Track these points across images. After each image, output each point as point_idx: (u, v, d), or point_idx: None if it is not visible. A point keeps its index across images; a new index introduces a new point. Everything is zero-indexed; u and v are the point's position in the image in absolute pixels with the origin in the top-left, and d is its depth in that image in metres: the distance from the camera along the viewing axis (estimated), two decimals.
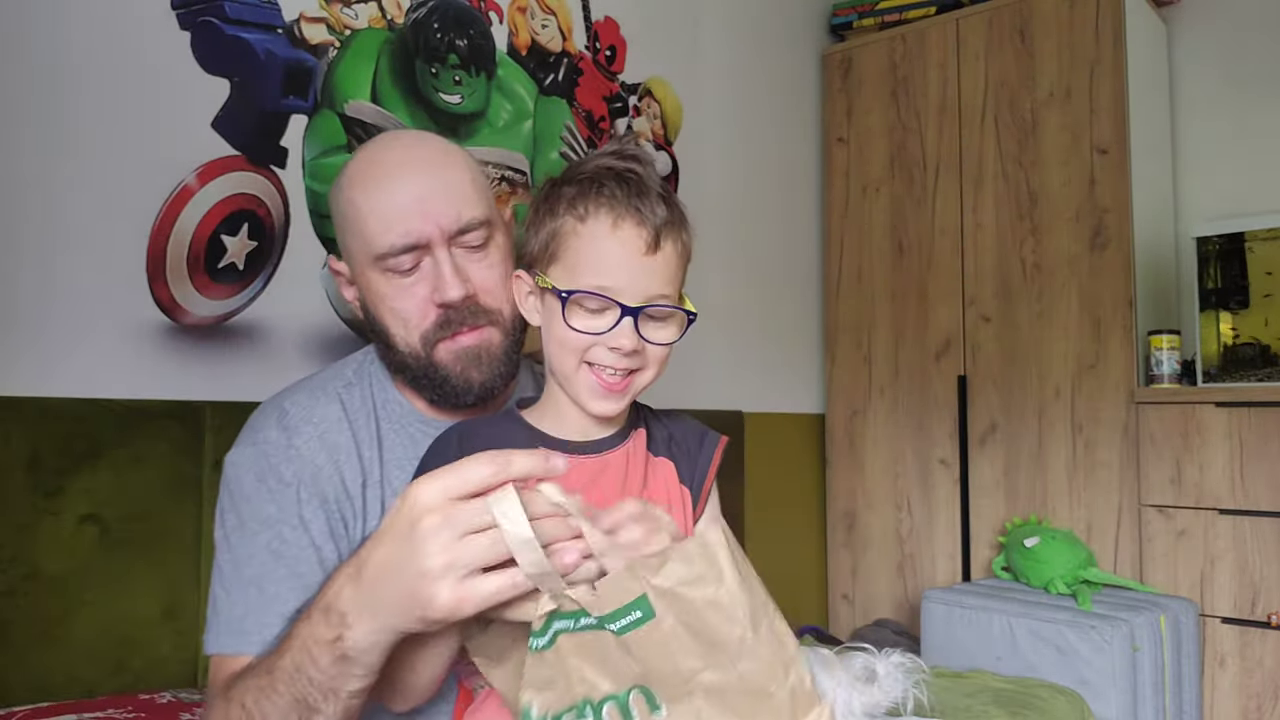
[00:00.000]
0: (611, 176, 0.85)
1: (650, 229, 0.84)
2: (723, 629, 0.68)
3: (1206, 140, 2.54)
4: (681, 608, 0.67)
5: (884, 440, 2.64)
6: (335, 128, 1.65)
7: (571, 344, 0.85)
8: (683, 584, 0.67)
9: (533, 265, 0.89)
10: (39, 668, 1.24)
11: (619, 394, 0.86)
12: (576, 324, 0.84)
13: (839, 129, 2.78)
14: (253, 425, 0.99)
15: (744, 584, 0.69)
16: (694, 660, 0.68)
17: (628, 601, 0.67)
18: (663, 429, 0.96)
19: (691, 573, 0.68)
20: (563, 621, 0.70)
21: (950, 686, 1.67)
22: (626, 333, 0.83)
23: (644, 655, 0.68)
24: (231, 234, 1.50)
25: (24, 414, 1.25)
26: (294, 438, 0.95)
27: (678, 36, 2.38)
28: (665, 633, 0.67)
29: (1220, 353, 2.16)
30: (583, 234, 0.84)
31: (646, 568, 0.68)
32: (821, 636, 2.38)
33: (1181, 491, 2.12)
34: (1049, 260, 2.36)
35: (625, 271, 0.83)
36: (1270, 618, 2.00)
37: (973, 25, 2.53)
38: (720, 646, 0.68)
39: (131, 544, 1.32)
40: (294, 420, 0.96)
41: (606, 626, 0.68)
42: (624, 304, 0.83)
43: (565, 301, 0.83)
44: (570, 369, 0.86)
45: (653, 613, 0.67)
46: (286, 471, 0.93)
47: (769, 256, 2.65)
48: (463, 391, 0.98)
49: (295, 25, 1.61)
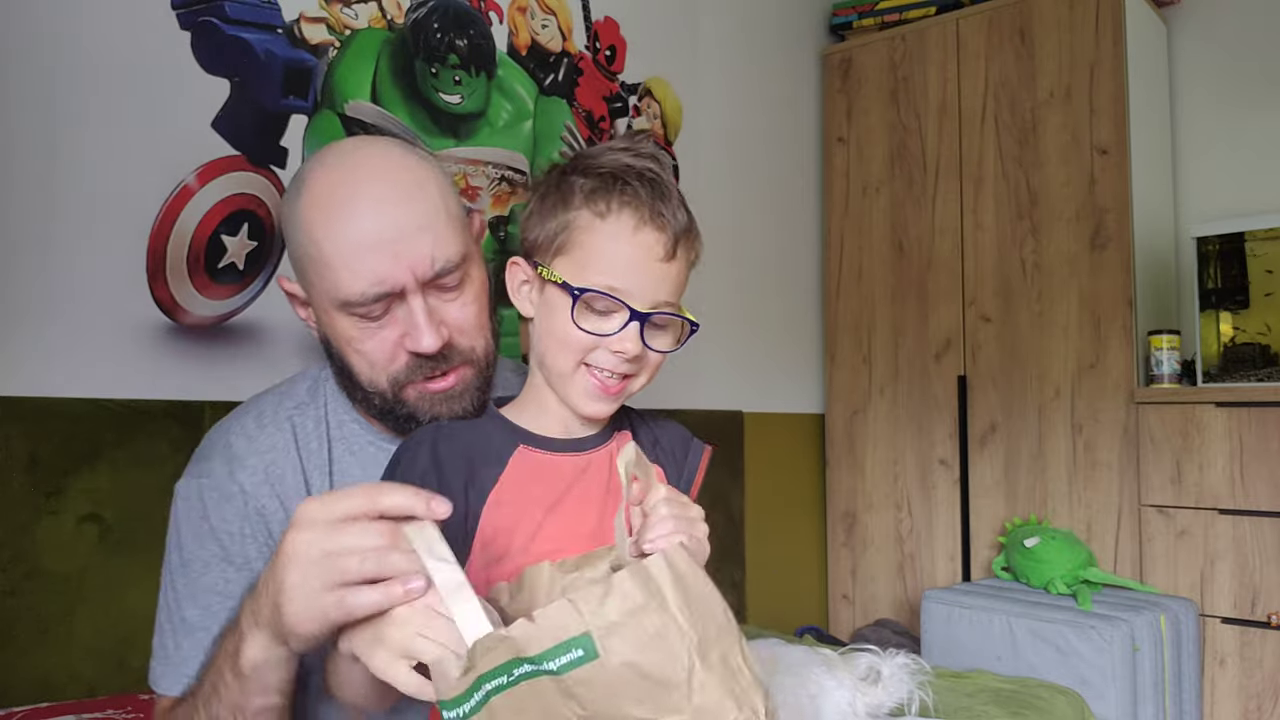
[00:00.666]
0: (634, 175, 0.82)
1: (670, 236, 0.82)
2: (668, 666, 0.63)
3: (1206, 140, 2.54)
4: (626, 644, 0.62)
5: (884, 440, 2.64)
6: (335, 128, 1.65)
7: (574, 343, 0.82)
8: (626, 615, 0.62)
9: (533, 253, 0.86)
10: (39, 667, 1.24)
11: (613, 397, 0.85)
12: (584, 324, 0.81)
13: (839, 129, 2.78)
14: (199, 455, 0.95)
15: (692, 612, 0.64)
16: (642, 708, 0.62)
17: (568, 638, 0.62)
18: (649, 433, 0.94)
19: (634, 603, 0.63)
20: (494, 679, 0.63)
21: (950, 686, 1.67)
22: (632, 337, 0.81)
23: (589, 698, 0.62)
24: (231, 234, 1.50)
25: (24, 414, 1.25)
26: (238, 471, 0.91)
27: (678, 36, 2.38)
28: (610, 674, 0.62)
29: (1220, 353, 2.16)
30: (600, 231, 0.81)
31: (586, 602, 0.63)
32: (821, 636, 2.38)
33: (1181, 491, 2.12)
34: (1049, 260, 2.36)
35: (639, 276, 0.81)
36: (1270, 618, 2.00)
37: (973, 25, 2.53)
38: (669, 685, 0.63)
39: (131, 544, 1.32)
40: (239, 451, 0.92)
41: (544, 666, 0.62)
42: (634, 308, 0.81)
43: (576, 299, 0.80)
44: (568, 368, 0.84)
45: (596, 652, 0.61)
46: (228, 510, 0.91)
47: (769, 256, 2.66)
48: None
49: (295, 25, 1.61)
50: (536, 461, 0.85)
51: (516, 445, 0.86)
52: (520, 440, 0.86)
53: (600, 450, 0.88)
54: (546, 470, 0.85)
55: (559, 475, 0.85)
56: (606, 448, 0.89)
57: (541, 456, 0.86)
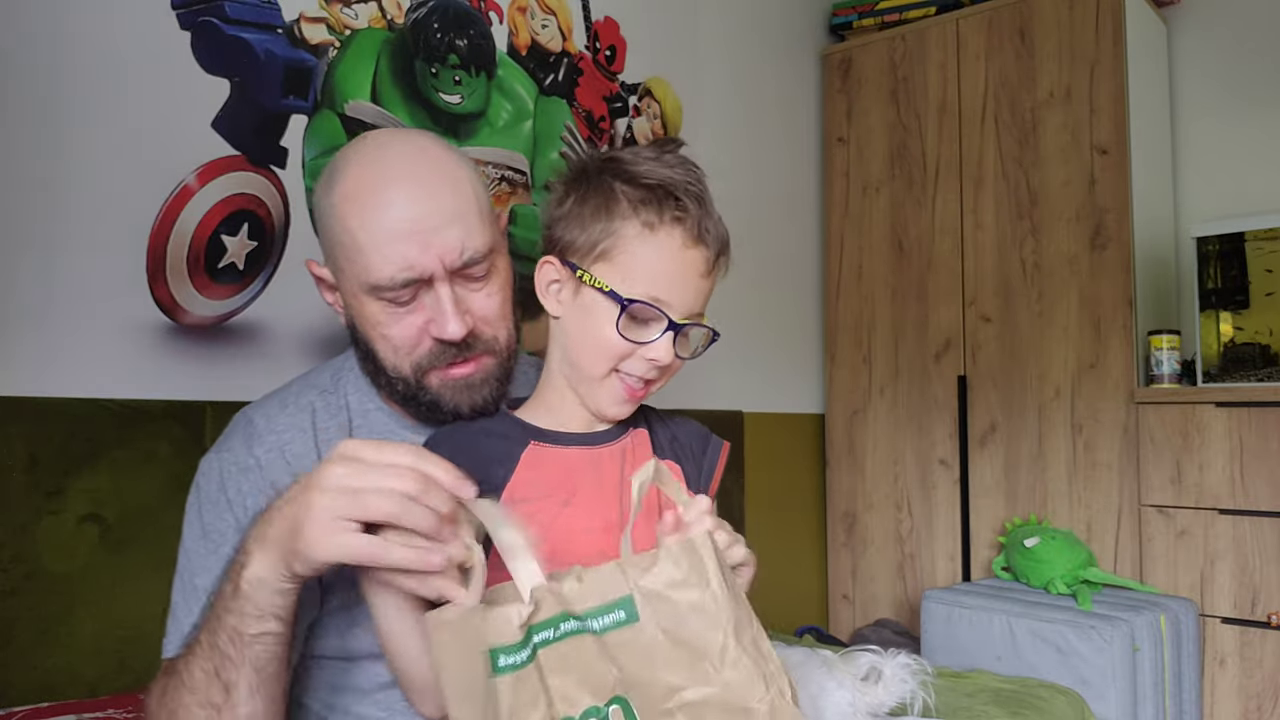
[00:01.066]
0: (682, 190, 0.86)
1: (713, 253, 0.86)
2: (705, 635, 0.66)
3: (1206, 140, 2.54)
4: (666, 613, 0.66)
5: (884, 440, 2.64)
6: (335, 128, 1.65)
7: (612, 350, 0.85)
8: (669, 587, 0.66)
9: (566, 254, 0.87)
10: (40, 667, 1.24)
11: (637, 401, 0.89)
12: (627, 333, 0.84)
13: (839, 129, 2.78)
14: (224, 435, 0.99)
15: (729, 592, 0.68)
16: (676, 675, 0.66)
17: (612, 600, 0.66)
18: (666, 430, 0.96)
19: (678, 575, 0.66)
20: (542, 632, 0.67)
21: (950, 686, 1.67)
22: (666, 347, 0.85)
23: (625, 660, 0.66)
24: (231, 234, 1.50)
25: (24, 414, 1.25)
26: (255, 448, 0.94)
27: (678, 36, 2.38)
28: (648, 639, 0.66)
29: (1220, 353, 2.16)
30: (649, 243, 0.84)
31: (635, 567, 0.66)
32: (821, 636, 2.38)
33: (1181, 491, 2.12)
34: (1049, 260, 2.36)
35: (681, 290, 0.85)
36: (1270, 618, 2.00)
37: (973, 25, 2.53)
38: (703, 654, 0.66)
39: (132, 544, 1.32)
40: (259, 430, 0.96)
41: (588, 624, 0.66)
42: (672, 319, 0.84)
43: (624, 309, 0.83)
44: (599, 373, 0.86)
45: (637, 615, 0.65)
46: (245, 484, 0.93)
47: (769, 256, 2.65)
48: (451, 417, 0.95)
49: (295, 25, 1.61)
50: (548, 455, 0.88)
51: (527, 442, 0.88)
52: (531, 436, 0.88)
53: (614, 445, 0.90)
54: (559, 463, 0.87)
55: (572, 468, 0.87)
56: (620, 442, 0.91)
57: (553, 450, 0.88)
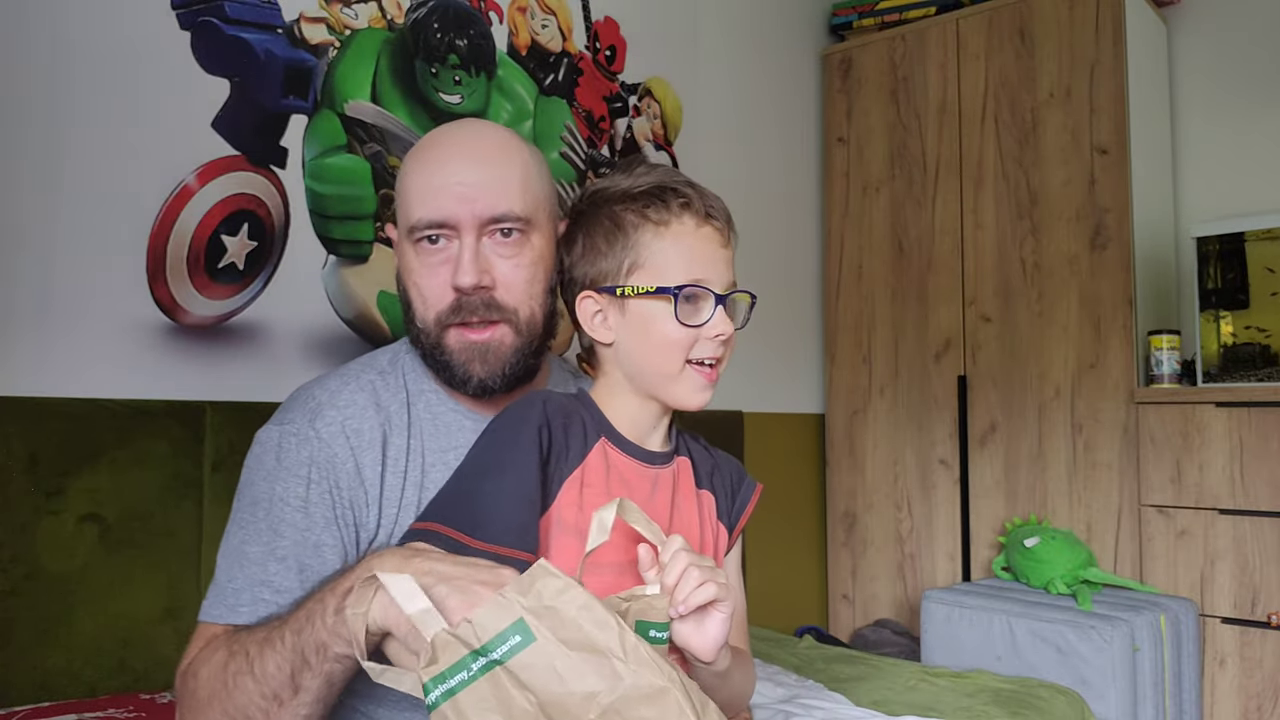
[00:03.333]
0: (672, 181, 0.91)
1: (723, 223, 0.92)
2: (599, 634, 0.68)
3: (1206, 140, 2.54)
4: (558, 622, 0.68)
5: (884, 440, 2.64)
6: (335, 128, 1.65)
7: (679, 342, 0.89)
8: (555, 596, 0.68)
9: (599, 284, 0.93)
10: (40, 667, 1.24)
11: (714, 385, 0.92)
12: (686, 320, 0.88)
13: (839, 129, 2.78)
14: (284, 406, 1.01)
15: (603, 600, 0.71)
16: (587, 681, 0.67)
17: (504, 627, 0.67)
18: (707, 459, 1.01)
19: (558, 583, 0.69)
20: (456, 675, 0.67)
21: (950, 686, 1.67)
22: (724, 319, 0.90)
23: (536, 683, 0.67)
24: (231, 234, 1.50)
25: (24, 414, 1.25)
26: (317, 421, 0.96)
27: (678, 36, 2.38)
28: (550, 654, 0.67)
29: (1220, 353, 2.16)
30: (667, 237, 0.90)
31: (516, 590, 0.69)
32: (821, 636, 2.38)
33: (1181, 491, 2.12)
34: (1049, 260, 2.36)
35: (713, 264, 0.90)
36: (1270, 618, 2.00)
37: (973, 25, 2.53)
38: (606, 651, 0.68)
39: (132, 544, 1.32)
40: (320, 404, 0.98)
41: (491, 655, 0.67)
42: (716, 293, 0.89)
43: (677, 297, 0.88)
44: (675, 369, 0.90)
45: (532, 635, 0.67)
46: (303, 454, 0.94)
47: (769, 256, 2.65)
48: (461, 381, 0.99)
49: (295, 25, 1.61)
50: (613, 458, 0.92)
51: (600, 436, 0.92)
52: (604, 432, 0.92)
53: (666, 469, 0.95)
54: (621, 469, 0.92)
55: (630, 480, 0.92)
56: (670, 468, 0.96)
57: (616, 455, 0.92)
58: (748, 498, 1.02)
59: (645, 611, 0.78)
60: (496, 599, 0.68)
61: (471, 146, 1.00)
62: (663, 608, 0.79)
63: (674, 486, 0.95)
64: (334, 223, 1.65)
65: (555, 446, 0.88)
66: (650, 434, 0.94)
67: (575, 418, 0.91)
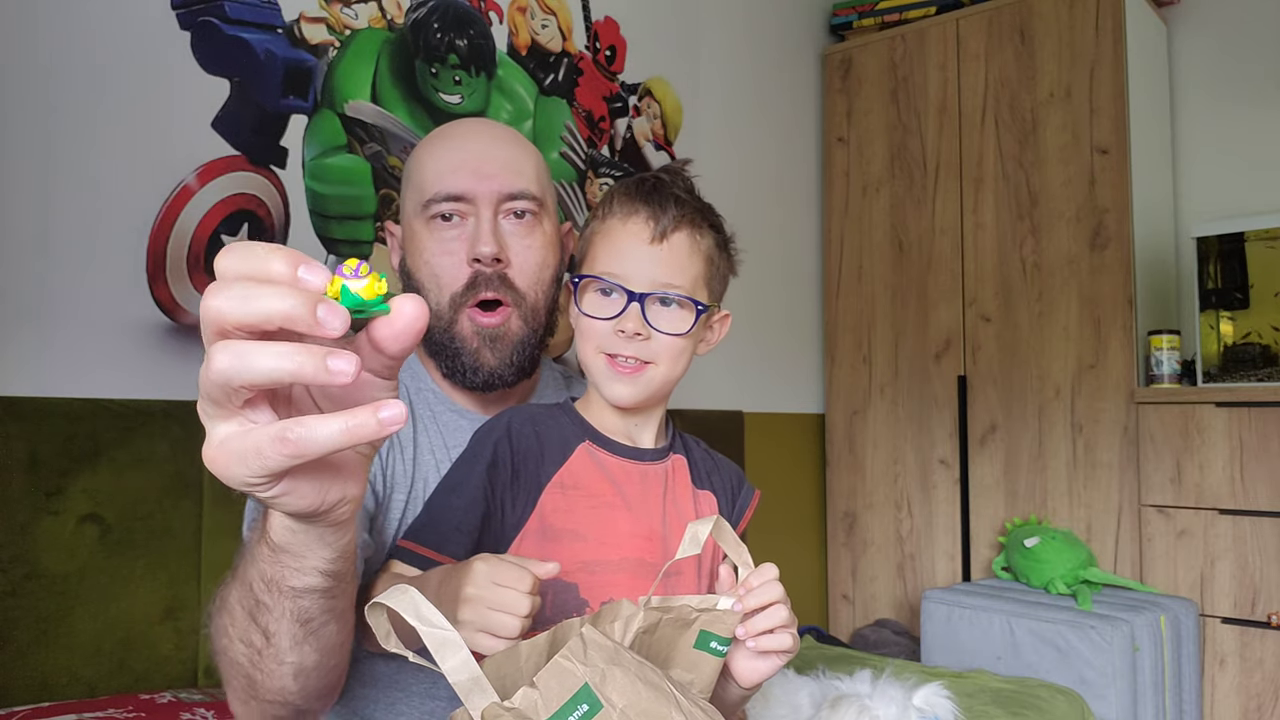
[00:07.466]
0: (635, 182, 0.92)
1: (656, 220, 0.89)
2: (660, 701, 0.61)
3: (1206, 140, 2.54)
4: (621, 687, 0.60)
5: (884, 440, 2.64)
6: (335, 128, 1.65)
7: (585, 330, 0.90)
8: (609, 661, 0.61)
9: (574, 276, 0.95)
10: (40, 667, 1.24)
11: (629, 378, 0.89)
12: (587, 308, 0.89)
13: (839, 129, 2.78)
14: None
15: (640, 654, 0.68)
16: None
17: (569, 695, 0.59)
18: (706, 461, 1.01)
19: (610, 647, 0.62)
20: None
21: (950, 686, 1.67)
22: (633, 317, 0.88)
23: None
24: (231, 234, 1.50)
25: (24, 414, 1.25)
26: None
27: (678, 36, 2.38)
28: None
29: (1220, 353, 2.16)
30: (600, 231, 0.92)
31: (574, 654, 0.61)
32: (821, 636, 2.38)
33: (1181, 491, 2.12)
34: (1049, 260, 2.36)
35: (633, 260, 0.88)
36: (1270, 618, 2.00)
37: (973, 25, 2.53)
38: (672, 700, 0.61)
39: (131, 544, 1.32)
40: None
41: None
42: (630, 289, 0.88)
43: (576, 287, 0.90)
44: (587, 357, 0.91)
45: (599, 703, 0.59)
46: None
47: (769, 256, 2.65)
48: (471, 369, 1.00)
49: (295, 25, 1.61)
50: (600, 458, 0.92)
51: (583, 439, 0.92)
52: (587, 436, 0.92)
53: (658, 464, 0.95)
54: (607, 467, 0.92)
55: (617, 476, 0.92)
56: (663, 464, 0.95)
57: (602, 455, 0.92)
58: (747, 502, 1.02)
59: (713, 624, 0.78)
60: (559, 663, 0.60)
61: (488, 131, 1.05)
62: (731, 624, 0.78)
63: (666, 482, 0.94)
64: (334, 223, 1.65)
65: (525, 455, 0.89)
66: (637, 431, 0.94)
67: (552, 425, 0.92)
